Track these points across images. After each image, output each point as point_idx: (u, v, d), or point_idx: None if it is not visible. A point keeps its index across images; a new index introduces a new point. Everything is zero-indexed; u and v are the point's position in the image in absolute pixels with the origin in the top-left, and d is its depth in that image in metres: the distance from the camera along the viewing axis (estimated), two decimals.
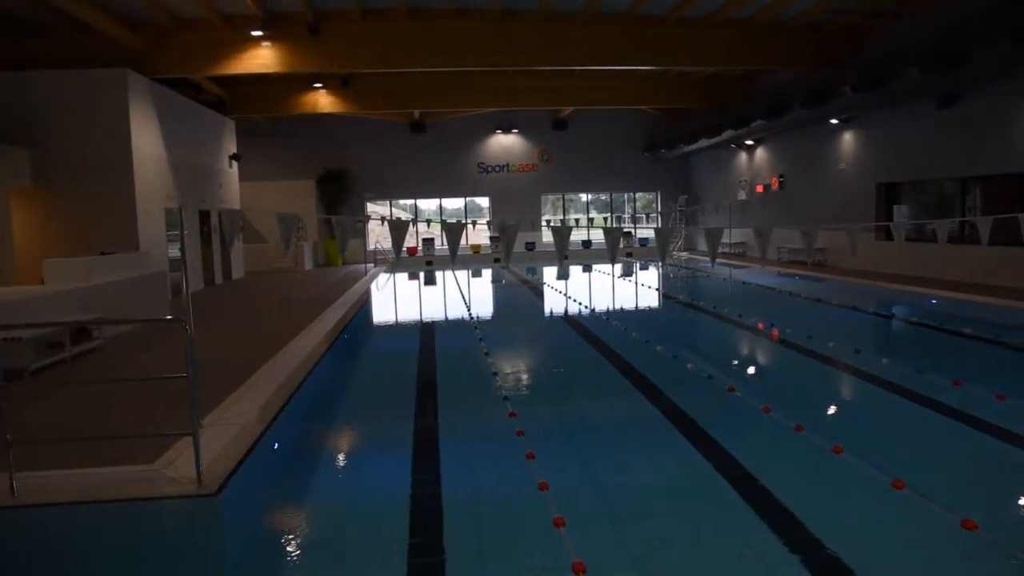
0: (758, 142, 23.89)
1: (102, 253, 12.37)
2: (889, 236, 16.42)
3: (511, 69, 20.30)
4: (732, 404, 7.74)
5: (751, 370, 10.20)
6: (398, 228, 9.50)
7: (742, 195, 25.37)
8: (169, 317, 5.78)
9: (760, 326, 12.47)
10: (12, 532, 4.36)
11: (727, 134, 22.39)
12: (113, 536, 4.42)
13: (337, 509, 5.59)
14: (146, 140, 15.61)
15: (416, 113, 27.12)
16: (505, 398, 8.01)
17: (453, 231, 9.79)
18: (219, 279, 19.78)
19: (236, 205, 21.77)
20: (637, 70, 21.75)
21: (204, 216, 18.77)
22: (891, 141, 17.66)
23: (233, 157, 21.89)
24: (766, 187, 23.64)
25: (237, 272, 21.49)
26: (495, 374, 9.18)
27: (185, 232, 17.50)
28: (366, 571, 4.61)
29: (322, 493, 5.94)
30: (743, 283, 18.79)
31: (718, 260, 14.54)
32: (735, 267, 22.15)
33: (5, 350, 7.38)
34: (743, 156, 25.39)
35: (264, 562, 4.75)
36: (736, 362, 10.73)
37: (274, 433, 6.08)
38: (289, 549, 4.91)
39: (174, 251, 16.59)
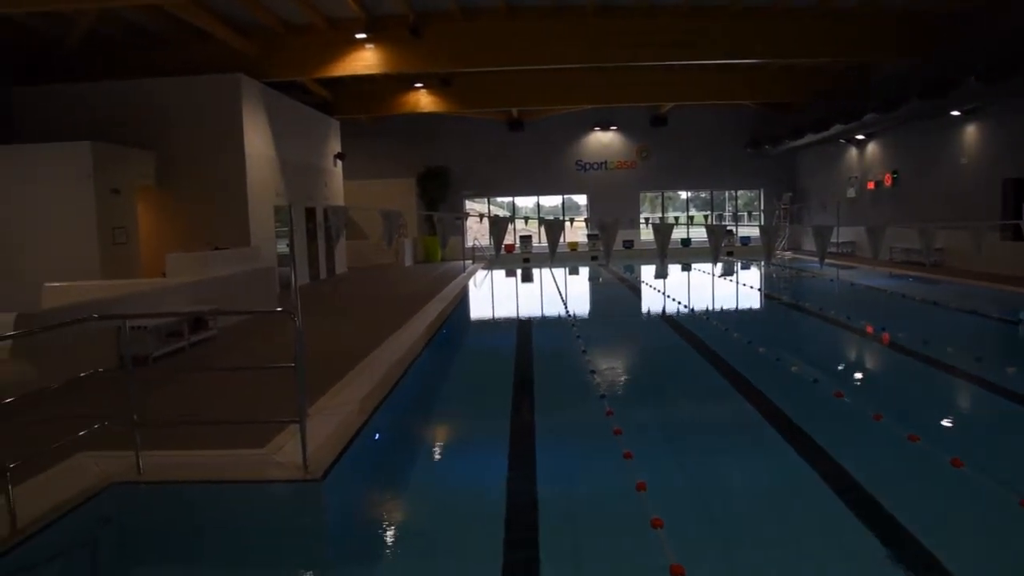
0: (870, 136, 22.77)
1: (216, 248, 13.03)
2: (1017, 235, 15.31)
3: (610, 66, 20.13)
4: (839, 410, 7.39)
5: (860, 375, 9.73)
6: (498, 225, 9.57)
7: (851, 192, 24.25)
8: (279, 309, 6.01)
9: (870, 330, 11.88)
10: (138, 505, 4.65)
11: (836, 128, 21.43)
12: (225, 514, 4.65)
13: (434, 500, 5.68)
14: (257, 141, 16.35)
15: (514, 111, 27.28)
16: (602, 396, 7.94)
17: (553, 228, 9.79)
18: (323, 274, 20.52)
19: (340, 203, 22.49)
20: (739, 64, 21.12)
21: (310, 213, 19.50)
22: (1020, 134, 16.45)
23: (338, 156, 22.65)
24: (878, 184, 22.51)
25: (340, 267, 22.24)
26: (592, 372, 9.12)
27: (295, 228, 18.27)
28: (462, 562, 4.66)
29: (419, 484, 6.06)
30: (852, 284, 17.96)
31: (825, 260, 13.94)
32: (843, 267, 21.20)
33: (132, 338, 7.87)
34: (853, 151, 24.27)
35: (363, 548, 4.89)
36: (844, 366, 10.26)
37: (375, 424, 6.23)
38: (387, 537, 5.03)
39: (282, 247, 17.31)
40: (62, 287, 10.35)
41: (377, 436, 6.25)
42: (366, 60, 16.78)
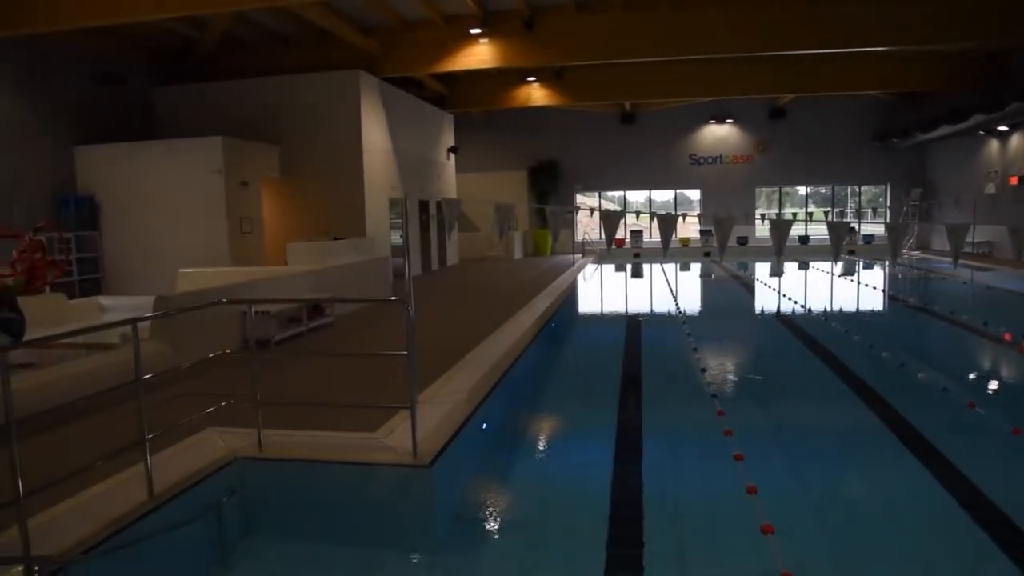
0: (1013, 127, 21.07)
1: (334, 239, 13.56)
2: None
3: (726, 57, 19.52)
4: (972, 421, 6.91)
5: (997, 386, 9.05)
6: (610, 219, 9.48)
7: (991, 188, 22.53)
8: (393, 298, 6.18)
9: (1008, 337, 11.02)
10: (259, 479, 4.92)
11: (975, 119, 19.93)
12: (338, 493, 4.83)
13: (538, 492, 5.72)
14: (375, 135, 16.89)
15: (627, 104, 26.93)
16: (713, 396, 7.74)
17: (666, 223, 9.61)
18: (435, 265, 20.99)
19: (453, 195, 22.93)
20: (867, 52, 19.99)
21: (423, 206, 19.99)
22: None
23: (451, 150, 23.08)
24: (1022, 179, 20.82)
25: (452, 259, 22.68)
26: (703, 370, 8.90)
27: (409, 219, 18.78)
28: (565, 554, 4.67)
29: (524, 475, 6.10)
30: (988, 287, 16.71)
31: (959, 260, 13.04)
32: (979, 269, 19.76)
33: (257, 322, 8.31)
34: (993, 144, 22.52)
35: (468, 535, 4.98)
36: (978, 376, 9.57)
37: (482, 414, 6.31)
38: (491, 526, 5.10)
39: (395, 238, 17.83)
40: (194, 273, 11.06)
41: (484, 426, 6.33)
42: (481, 55, 16.99)
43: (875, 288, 18.52)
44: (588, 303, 17.12)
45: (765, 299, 16.47)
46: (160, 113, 16.98)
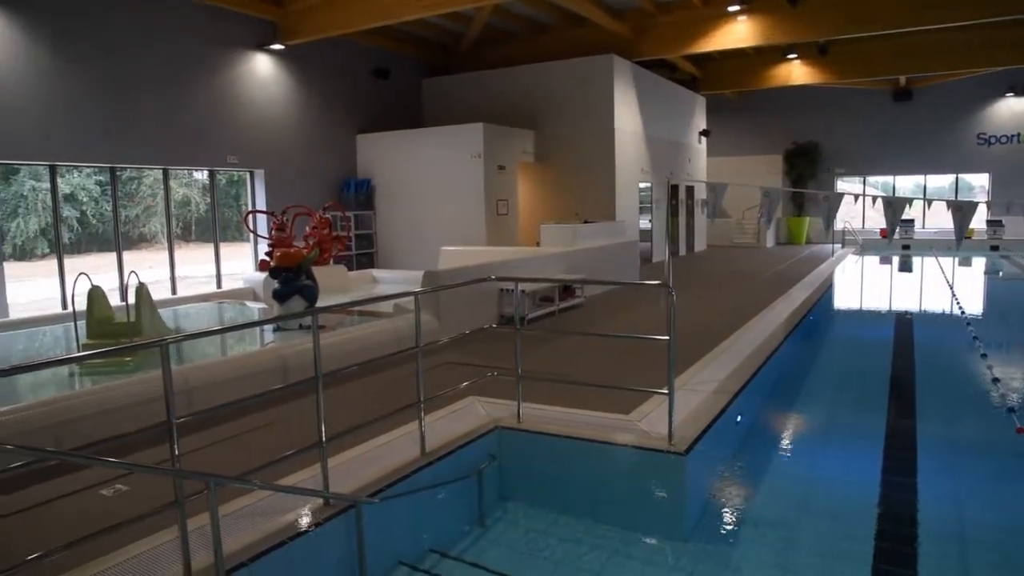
0: None
1: (585, 222, 13.76)
2: None
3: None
4: None
5: None
6: (893, 206, 8.61)
7: None
8: (656, 282, 6.11)
9: None
10: (517, 448, 5.14)
11: None
12: (590, 470, 4.89)
13: (794, 493, 5.41)
14: (626, 118, 16.86)
15: (901, 79, 24.30)
16: (1011, 410, 6.76)
17: (963, 211, 8.50)
18: (683, 251, 20.58)
19: (703, 179, 22.29)
20: None
21: (672, 190, 19.64)
22: None
23: (703, 133, 22.40)
24: None
25: (700, 245, 22.11)
26: (996, 380, 7.81)
27: (656, 204, 18.59)
28: (823, 564, 4.34)
29: (779, 474, 5.80)
30: None
31: None
32: None
33: (516, 300, 8.68)
34: None
35: (718, 529, 4.84)
36: None
37: (737, 406, 6.05)
38: (744, 522, 4.89)
39: (644, 222, 17.72)
40: (455, 251, 11.81)
41: (739, 419, 6.07)
42: (738, 34, 16.23)
43: None
44: (850, 297, 15.79)
45: None
46: (428, 103, 18.34)
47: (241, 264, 14.78)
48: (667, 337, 4.66)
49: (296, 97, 15.08)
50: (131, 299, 7.24)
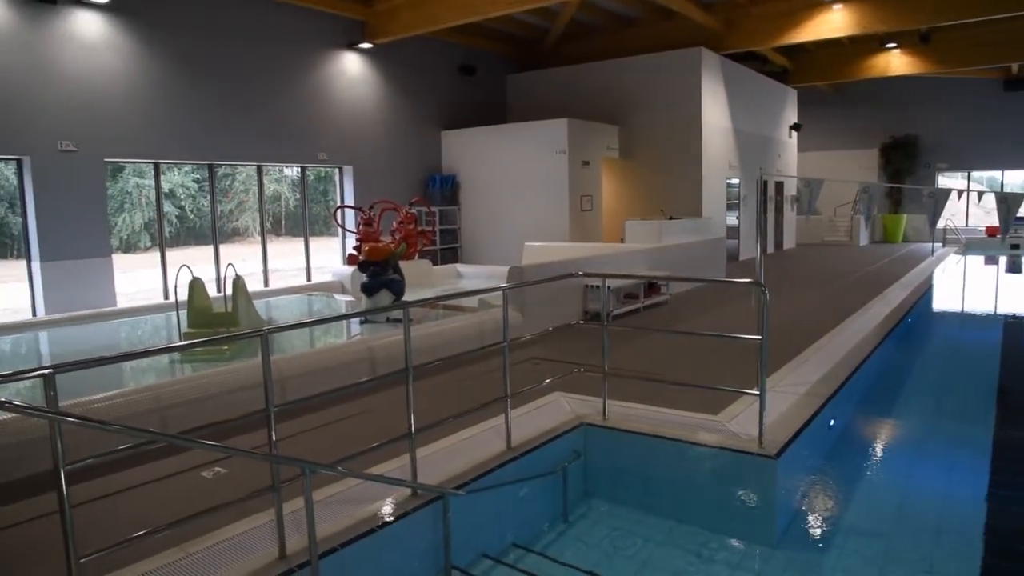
0: None
1: (670, 218, 13.54)
2: None
3: None
4: None
5: None
6: (1008, 202, 8.12)
7: None
8: (747, 280, 5.96)
9: None
10: (602, 445, 5.11)
11: None
12: (676, 471, 4.81)
13: (891, 503, 5.19)
14: (713, 113, 16.48)
15: (1014, 67, 22.86)
16: None
17: None
18: (771, 248, 20.01)
19: (793, 175, 21.62)
20: None
21: (760, 186, 19.09)
22: None
23: (794, 127, 21.69)
24: None
25: (788, 242, 21.46)
26: None
27: (744, 200, 18.13)
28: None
29: (875, 482, 5.59)
30: None
31: None
32: None
33: (599, 296, 8.62)
34: None
35: (809, 534, 4.70)
36: None
37: (830, 410, 5.84)
38: (836, 529, 4.72)
39: (731, 219, 17.31)
40: (539, 246, 11.82)
41: (832, 423, 5.85)
42: (834, 23, 15.62)
43: None
44: (952, 299, 14.99)
45: None
46: (512, 99, 18.40)
47: (329, 258, 15.21)
48: (759, 337, 4.52)
49: (383, 94, 15.38)
50: (228, 290, 7.54)
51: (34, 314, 10.17)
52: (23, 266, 10.47)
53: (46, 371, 2.58)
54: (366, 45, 14.63)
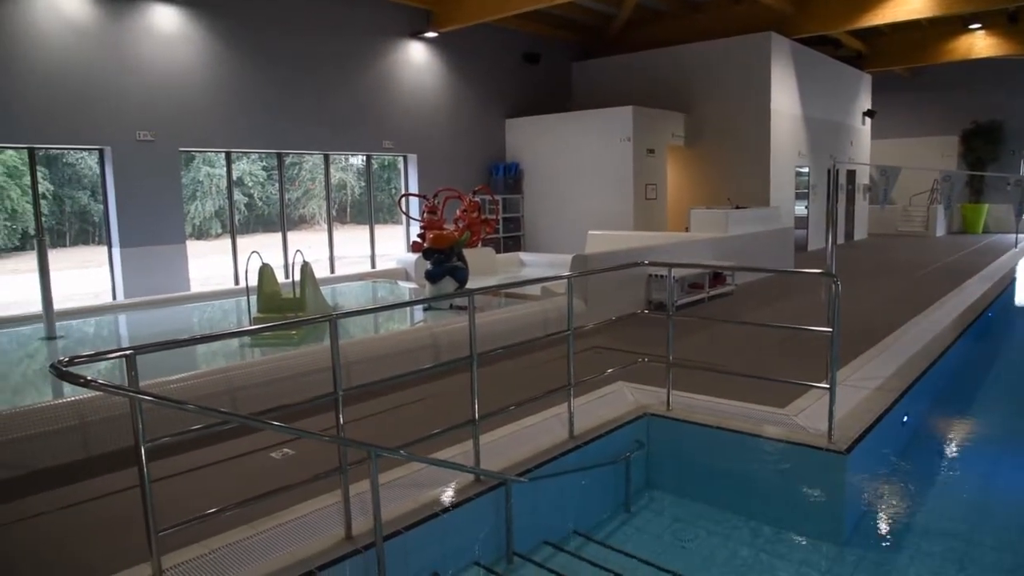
0: None
1: (737, 207, 13.26)
2: None
3: None
4: None
5: None
6: None
7: None
8: (818, 271, 5.79)
9: None
10: (666, 436, 5.05)
11: None
12: (741, 464, 4.72)
13: (968, 503, 5.00)
14: (783, 99, 16.04)
15: None
16: None
17: None
18: (841, 239, 19.42)
19: (866, 163, 20.91)
20: None
21: (830, 174, 18.52)
22: None
23: (867, 113, 20.95)
24: None
25: (859, 233, 20.80)
26: None
27: (813, 188, 17.62)
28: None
29: (950, 482, 5.40)
30: None
31: None
32: None
33: (664, 286, 8.52)
34: None
35: (880, 533, 4.58)
36: None
37: (903, 406, 5.65)
38: (908, 528, 4.57)
39: (799, 208, 16.85)
40: (603, 235, 11.73)
41: (905, 420, 5.65)
42: (913, 4, 14.99)
43: None
44: None
45: None
46: (577, 86, 18.27)
47: (394, 245, 15.42)
48: (829, 329, 4.39)
49: (447, 83, 15.46)
50: (296, 276, 7.72)
51: (114, 298, 10.62)
52: (104, 252, 10.93)
53: (128, 352, 2.69)
54: (431, 34, 14.71)
